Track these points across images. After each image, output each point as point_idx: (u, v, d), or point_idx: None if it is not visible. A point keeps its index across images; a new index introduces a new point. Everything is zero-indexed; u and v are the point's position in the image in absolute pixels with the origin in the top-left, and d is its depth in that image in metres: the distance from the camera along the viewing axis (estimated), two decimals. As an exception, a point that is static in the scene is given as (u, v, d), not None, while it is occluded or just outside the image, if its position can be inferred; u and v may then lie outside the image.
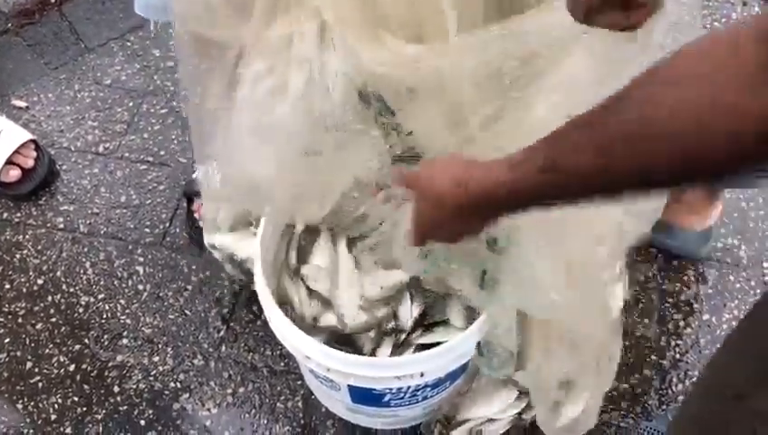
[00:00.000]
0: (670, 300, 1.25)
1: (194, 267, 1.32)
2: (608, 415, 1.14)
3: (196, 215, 1.33)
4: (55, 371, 1.22)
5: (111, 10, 1.69)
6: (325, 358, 0.87)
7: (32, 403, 1.20)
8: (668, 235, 1.25)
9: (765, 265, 1.27)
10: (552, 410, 0.98)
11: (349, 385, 0.94)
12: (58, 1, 1.70)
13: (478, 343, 0.90)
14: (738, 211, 1.32)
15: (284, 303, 1.00)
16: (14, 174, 1.39)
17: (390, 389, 0.93)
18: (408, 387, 0.93)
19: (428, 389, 0.97)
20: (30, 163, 1.40)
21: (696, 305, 1.25)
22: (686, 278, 1.27)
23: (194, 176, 1.34)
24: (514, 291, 0.83)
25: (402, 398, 0.97)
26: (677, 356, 1.20)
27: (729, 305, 1.24)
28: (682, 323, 1.23)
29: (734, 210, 1.32)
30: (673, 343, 1.21)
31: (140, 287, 1.30)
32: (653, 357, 1.19)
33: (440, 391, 1.01)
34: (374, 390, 0.93)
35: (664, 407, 1.15)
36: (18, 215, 1.39)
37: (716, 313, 1.24)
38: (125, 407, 1.19)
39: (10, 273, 1.33)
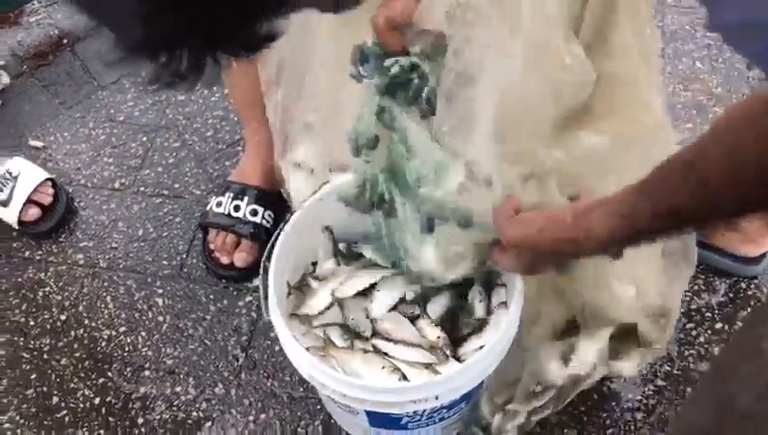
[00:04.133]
0: (681, 309, 1.26)
1: (212, 297, 1.35)
2: (620, 428, 1.15)
3: (211, 245, 1.36)
4: (81, 404, 1.25)
5: (122, 48, 1.73)
6: (340, 384, 0.90)
7: (59, 437, 1.23)
8: (722, 259, 1.28)
9: (776, 271, 1.28)
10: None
11: (366, 410, 0.96)
12: (70, 42, 1.74)
13: None
14: (745, 218, 1.33)
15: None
16: (34, 212, 1.43)
17: (407, 412, 0.95)
18: (425, 410, 0.95)
19: (444, 410, 0.99)
20: (48, 200, 1.44)
21: (707, 314, 1.26)
22: (696, 287, 1.28)
23: (207, 208, 1.37)
24: None
25: (419, 420, 0.99)
26: (690, 366, 1.20)
27: (741, 313, 1.25)
28: (694, 333, 1.24)
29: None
30: (686, 353, 1.22)
31: (160, 319, 1.33)
32: (666, 367, 1.20)
33: (456, 412, 1.03)
34: (391, 413, 0.95)
35: (679, 417, 1.16)
36: (40, 253, 1.43)
37: (729, 321, 1.25)
38: (150, 438, 1.22)
39: (34, 310, 1.37)
